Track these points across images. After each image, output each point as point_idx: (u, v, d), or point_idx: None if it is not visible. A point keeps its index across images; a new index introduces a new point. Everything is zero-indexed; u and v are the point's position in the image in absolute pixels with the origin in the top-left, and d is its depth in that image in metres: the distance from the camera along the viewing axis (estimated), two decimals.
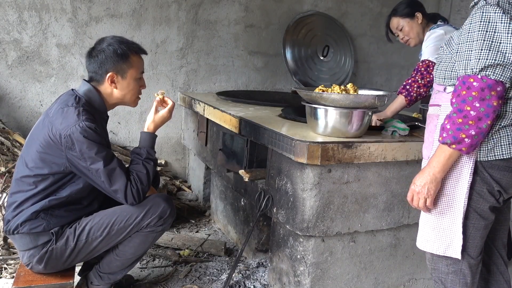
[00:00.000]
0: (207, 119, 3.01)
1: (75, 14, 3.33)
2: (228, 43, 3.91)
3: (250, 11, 3.95)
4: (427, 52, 2.41)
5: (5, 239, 2.47)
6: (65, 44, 3.35)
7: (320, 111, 2.00)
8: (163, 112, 1.99)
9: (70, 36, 3.35)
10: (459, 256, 1.55)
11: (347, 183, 2.03)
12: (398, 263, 2.33)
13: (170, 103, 2.01)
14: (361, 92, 2.12)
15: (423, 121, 2.39)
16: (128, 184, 1.78)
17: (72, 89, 1.91)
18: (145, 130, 1.97)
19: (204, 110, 2.98)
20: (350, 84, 2.12)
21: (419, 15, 2.51)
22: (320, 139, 1.96)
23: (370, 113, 2.04)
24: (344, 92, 2.03)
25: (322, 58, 4.23)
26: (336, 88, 2.05)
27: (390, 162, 2.09)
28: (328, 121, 2.00)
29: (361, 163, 2.01)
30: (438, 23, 2.53)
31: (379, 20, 4.60)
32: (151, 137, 1.96)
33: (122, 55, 1.86)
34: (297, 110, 2.58)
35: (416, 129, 2.34)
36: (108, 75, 1.86)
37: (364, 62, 4.64)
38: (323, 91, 2.06)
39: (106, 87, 1.90)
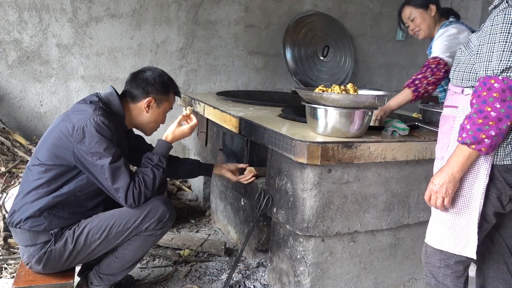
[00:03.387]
0: (207, 119, 3.01)
1: (75, 14, 3.33)
2: (228, 43, 3.91)
3: (250, 11, 3.95)
4: (438, 49, 2.34)
5: (5, 239, 2.48)
6: (65, 44, 3.35)
7: (320, 111, 2.00)
8: (185, 127, 2.02)
9: (70, 36, 3.35)
10: (474, 256, 1.57)
11: (347, 183, 2.03)
12: (398, 263, 2.33)
13: (194, 121, 2.06)
14: (361, 92, 2.12)
15: (423, 121, 2.39)
16: (131, 184, 1.78)
17: (97, 92, 1.97)
18: (163, 138, 1.99)
19: (204, 110, 2.98)
20: (350, 84, 2.11)
21: (433, 7, 2.45)
22: (320, 139, 1.96)
23: (370, 113, 2.04)
24: (344, 92, 2.03)
25: (322, 58, 4.23)
26: (336, 88, 2.05)
27: (390, 162, 2.09)
28: (328, 121, 2.00)
29: (361, 163, 2.01)
30: (450, 19, 2.47)
31: (379, 20, 4.60)
32: (167, 146, 1.98)
33: (167, 88, 1.99)
34: (297, 110, 2.58)
35: (416, 129, 2.34)
36: (148, 98, 1.94)
37: (364, 62, 4.64)
38: (323, 91, 2.06)
39: (139, 107, 1.96)
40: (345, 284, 2.20)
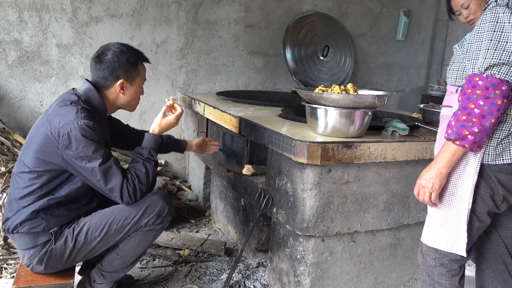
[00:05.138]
0: (207, 119, 3.01)
1: (75, 14, 3.33)
2: (228, 43, 3.91)
3: (250, 11, 3.95)
4: None
5: (5, 239, 2.48)
6: (65, 44, 3.35)
7: (320, 111, 2.00)
8: (170, 117, 2.01)
9: (70, 36, 3.35)
10: (464, 254, 1.59)
11: (347, 183, 2.03)
12: (398, 263, 2.33)
13: (178, 110, 2.04)
14: (361, 92, 2.12)
15: (423, 121, 2.39)
16: (124, 182, 1.78)
17: (73, 88, 1.92)
18: (150, 131, 1.98)
19: (204, 110, 2.98)
20: (350, 84, 2.12)
21: None
22: (320, 139, 1.96)
23: (370, 113, 2.04)
24: (344, 92, 2.03)
25: (322, 58, 4.23)
26: (336, 88, 2.05)
27: (390, 162, 2.09)
28: (328, 121, 2.00)
29: (361, 163, 2.01)
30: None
31: (379, 20, 4.60)
32: (155, 139, 1.96)
33: (134, 63, 1.91)
34: (297, 110, 2.58)
35: (416, 129, 2.34)
36: (119, 82, 1.89)
37: (364, 62, 4.64)
38: (323, 91, 2.06)
39: (113, 92, 1.92)
40: (345, 284, 2.20)
